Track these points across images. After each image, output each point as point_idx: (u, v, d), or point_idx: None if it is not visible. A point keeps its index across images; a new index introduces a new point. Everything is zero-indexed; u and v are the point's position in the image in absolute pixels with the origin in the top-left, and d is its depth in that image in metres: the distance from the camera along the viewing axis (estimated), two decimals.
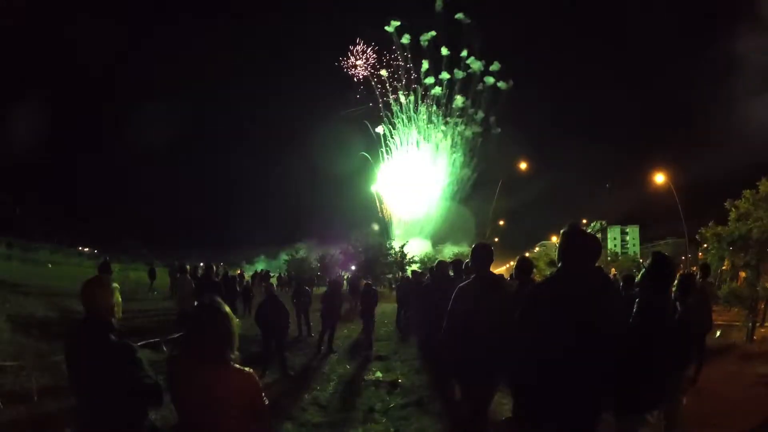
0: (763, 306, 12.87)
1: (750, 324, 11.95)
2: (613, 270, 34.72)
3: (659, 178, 30.94)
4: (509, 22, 50.67)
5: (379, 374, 9.04)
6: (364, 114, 58.49)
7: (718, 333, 11.64)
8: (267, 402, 2.73)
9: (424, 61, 56.71)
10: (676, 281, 5.29)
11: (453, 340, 4.42)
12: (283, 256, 43.69)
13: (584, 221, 50.11)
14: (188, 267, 14.41)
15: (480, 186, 47.66)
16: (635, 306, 3.63)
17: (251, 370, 2.67)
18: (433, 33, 55.56)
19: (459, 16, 54.00)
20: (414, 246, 47.17)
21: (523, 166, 42.06)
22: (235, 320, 2.70)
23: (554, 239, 58.76)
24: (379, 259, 40.05)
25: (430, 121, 58.30)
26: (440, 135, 58.26)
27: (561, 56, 54.19)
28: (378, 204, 59.98)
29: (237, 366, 2.63)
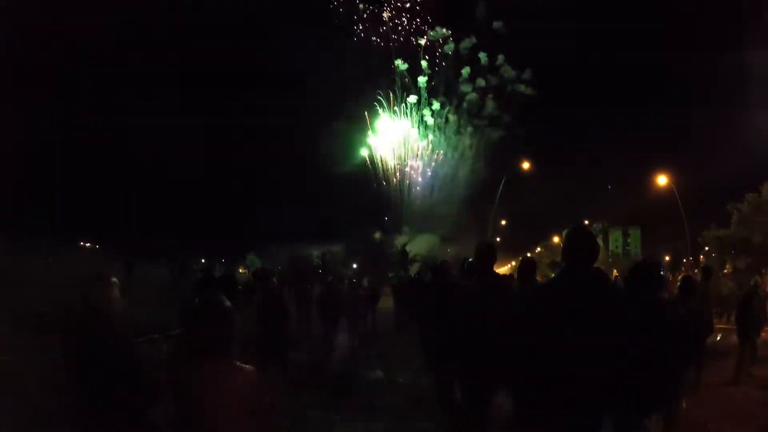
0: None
1: None
2: (614, 272, 34.71)
3: (662, 180, 30.89)
4: (539, 30, 51.60)
5: (379, 373, 9.05)
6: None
7: (718, 336, 11.64)
8: (268, 400, 2.73)
9: (464, 69, 57.92)
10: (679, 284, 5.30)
11: (454, 341, 4.42)
12: (286, 253, 43.70)
13: (586, 222, 50.22)
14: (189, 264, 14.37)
15: (489, 187, 48.03)
16: (636, 308, 3.63)
17: (253, 368, 2.66)
18: (473, 40, 56.61)
19: (496, 24, 55.18)
20: (420, 243, 47.38)
21: (526, 165, 42.01)
22: (238, 317, 2.69)
23: (556, 240, 58.76)
24: (382, 257, 40.13)
25: (459, 128, 59.25)
26: (467, 140, 59.24)
27: (567, 60, 54.61)
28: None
29: (239, 363, 2.63)
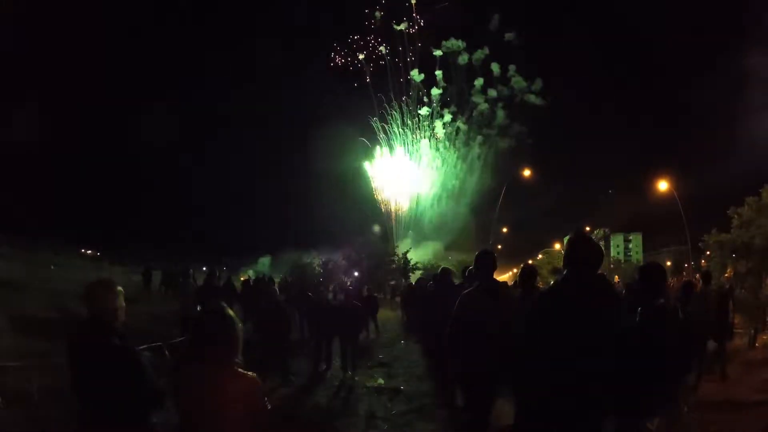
0: (765, 312, 12.83)
1: (752, 330, 11.91)
2: (616, 277, 34.66)
3: (662, 185, 30.92)
4: (548, 40, 52.45)
5: (381, 380, 9.03)
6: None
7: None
8: (270, 407, 2.74)
9: (477, 80, 58.20)
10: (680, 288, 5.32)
11: (456, 347, 4.44)
12: (286, 261, 43.49)
13: (587, 228, 50.23)
14: (192, 271, 14.31)
15: (494, 195, 48.22)
16: (637, 313, 3.66)
17: (255, 375, 2.68)
18: (486, 51, 56.87)
19: (509, 36, 55.58)
20: (423, 251, 47.40)
21: (527, 173, 42.04)
22: (240, 325, 2.71)
23: (557, 246, 58.71)
24: (383, 265, 40.00)
25: (468, 138, 59.51)
26: (476, 150, 59.48)
27: (568, 67, 55.16)
28: (384, 209, 60.20)
29: (241, 370, 2.65)
